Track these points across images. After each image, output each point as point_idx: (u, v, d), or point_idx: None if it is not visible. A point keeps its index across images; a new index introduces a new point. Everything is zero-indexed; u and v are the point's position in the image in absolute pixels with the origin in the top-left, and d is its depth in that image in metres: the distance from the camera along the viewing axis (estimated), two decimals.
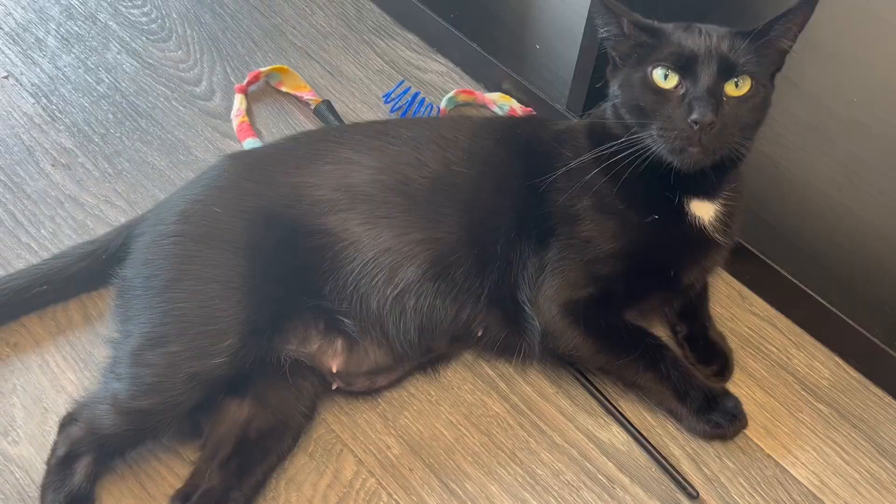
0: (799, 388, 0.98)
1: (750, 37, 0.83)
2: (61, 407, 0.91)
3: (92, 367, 0.95)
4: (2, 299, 0.94)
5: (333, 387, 0.92)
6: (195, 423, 0.88)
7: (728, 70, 0.81)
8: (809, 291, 1.00)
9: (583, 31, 1.06)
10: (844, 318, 0.98)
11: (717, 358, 0.97)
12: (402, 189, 0.90)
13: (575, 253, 0.89)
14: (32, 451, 0.89)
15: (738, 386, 0.97)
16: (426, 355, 0.94)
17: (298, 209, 0.89)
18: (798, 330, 1.03)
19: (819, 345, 1.02)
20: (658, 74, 0.82)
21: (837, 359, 1.01)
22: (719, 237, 0.91)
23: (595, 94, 1.09)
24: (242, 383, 0.87)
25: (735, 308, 1.05)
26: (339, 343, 0.90)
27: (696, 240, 0.90)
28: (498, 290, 0.91)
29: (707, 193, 0.90)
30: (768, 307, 1.05)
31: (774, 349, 1.01)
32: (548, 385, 0.97)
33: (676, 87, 0.82)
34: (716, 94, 0.81)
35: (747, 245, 1.02)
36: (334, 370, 0.90)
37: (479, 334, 0.93)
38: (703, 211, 0.90)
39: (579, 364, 0.96)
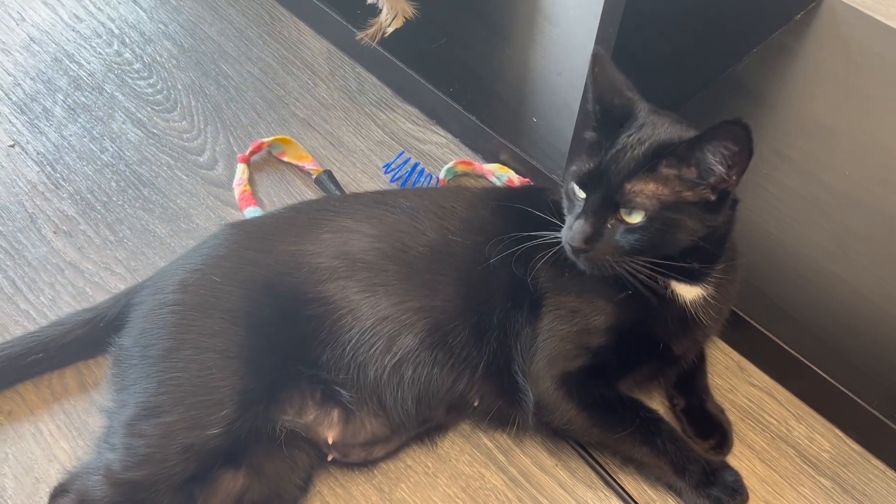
0: (800, 461, 0.97)
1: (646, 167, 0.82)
2: (53, 477, 0.90)
3: (86, 435, 0.94)
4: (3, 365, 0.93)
5: (329, 458, 0.91)
6: (188, 495, 0.86)
7: (615, 203, 0.82)
8: (807, 363, 1.00)
9: (578, 105, 1.08)
10: (843, 389, 0.97)
11: (715, 431, 0.96)
12: (400, 257, 0.91)
13: (564, 324, 0.89)
14: None
15: (738, 458, 0.97)
16: (423, 425, 0.94)
17: (297, 276, 0.89)
18: (797, 401, 1.03)
19: (819, 417, 1.01)
20: (573, 185, 0.85)
21: (838, 431, 1.00)
22: (702, 318, 0.90)
23: None
24: (237, 453, 0.86)
25: (734, 379, 1.04)
26: (335, 414, 0.90)
27: (681, 318, 0.90)
28: (495, 359, 0.91)
29: (689, 278, 0.88)
30: (767, 378, 1.04)
31: (774, 421, 1.01)
32: (546, 457, 0.96)
33: (582, 200, 0.84)
34: (599, 218, 0.82)
35: (745, 315, 1.03)
36: (330, 441, 0.89)
37: (476, 404, 0.93)
38: (686, 292, 0.90)
39: (574, 438, 0.95)
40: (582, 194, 0.84)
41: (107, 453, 0.83)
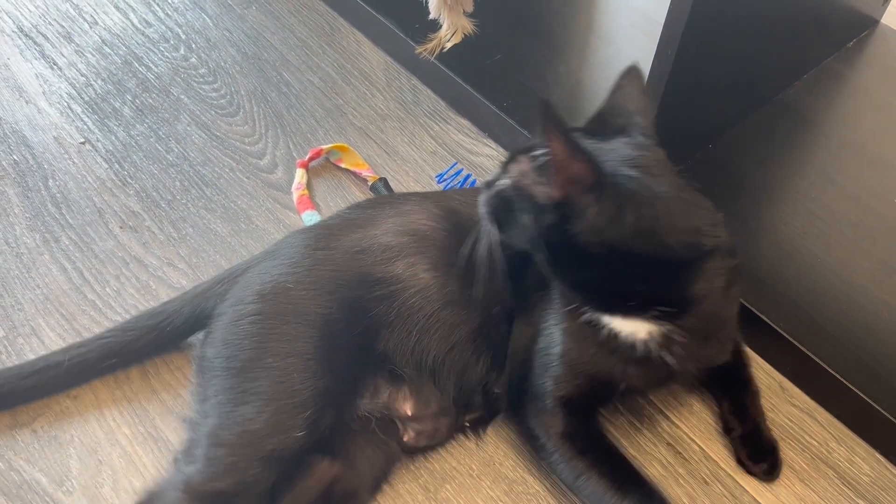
0: (839, 483, 0.98)
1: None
2: (115, 460, 0.95)
3: (146, 423, 0.98)
4: (77, 369, 0.97)
5: (405, 438, 0.94)
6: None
7: None
8: (850, 386, 1.01)
9: None
10: (886, 414, 0.98)
11: (769, 455, 0.98)
12: (461, 239, 0.91)
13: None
14: (85, 501, 0.92)
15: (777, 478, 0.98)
16: (466, 410, 0.97)
17: (366, 259, 0.92)
18: (838, 424, 1.04)
19: (860, 440, 1.02)
20: None
21: (878, 455, 1.01)
22: (668, 358, 0.85)
23: None
24: (327, 443, 0.89)
25: (775, 399, 1.06)
26: (406, 389, 0.93)
27: (632, 358, 0.86)
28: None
29: (625, 312, 0.84)
30: (808, 400, 1.06)
31: (815, 442, 1.02)
32: None
33: None
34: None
35: (788, 336, 1.04)
36: (409, 413, 0.93)
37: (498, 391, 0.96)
38: (633, 328, 0.85)
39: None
40: None
41: (186, 467, 0.84)
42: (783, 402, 1.05)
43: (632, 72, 0.85)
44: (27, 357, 1.03)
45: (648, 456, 0.99)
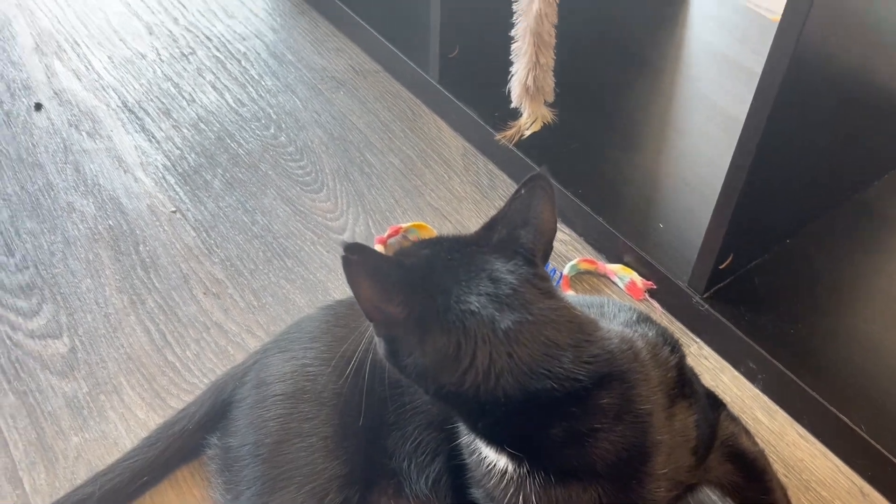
0: None
1: None
2: None
3: None
4: (109, 498, 0.93)
5: None
6: None
7: None
8: None
9: (706, 215, 1.12)
10: None
11: None
12: None
13: None
14: None
15: None
16: None
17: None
18: None
19: None
20: None
21: None
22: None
23: (718, 274, 1.14)
24: None
25: (854, 503, 1.02)
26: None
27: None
28: None
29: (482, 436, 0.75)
30: None
31: None
32: None
33: None
34: None
35: (870, 439, 1.01)
36: None
37: None
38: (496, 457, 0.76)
39: None
40: None
41: None
42: None
43: (536, 179, 0.74)
44: (108, 413, 1.07)
45: None
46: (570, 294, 1.20)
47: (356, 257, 0.68)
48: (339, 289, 1.23)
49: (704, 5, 1.75)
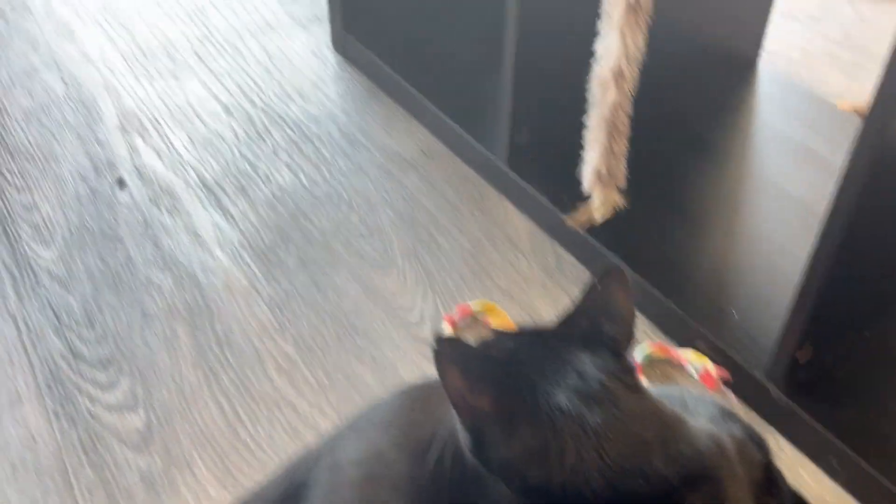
0: None
1: None
2: None
3: None
4: None
5: None
6: None
7: None
8: None
9: (783, 305, 1.10)
10: None
11: None
12: None
13: None
14: None
15: None
16: None
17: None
18: None
19: None
20: None
21: None
22: None
23: (796, 364, 1.12)
24: None
25: None
26: None
27: None
28: None
29: None
30: None
31: None
32: None
33: None
34: None
35: None
36: None
37: None
38: None
39: None
40: None
41: None
42: None
43: (613, 273, 0.75)
44: (180, 489, 1.08)
45: None
46: (647, 383, 1.19)
47: (448, 350, 0.69)
48: (408, 368, 1.24)
49: (770, 90, 1.76)
